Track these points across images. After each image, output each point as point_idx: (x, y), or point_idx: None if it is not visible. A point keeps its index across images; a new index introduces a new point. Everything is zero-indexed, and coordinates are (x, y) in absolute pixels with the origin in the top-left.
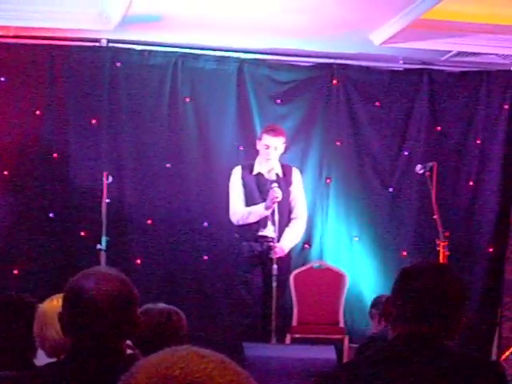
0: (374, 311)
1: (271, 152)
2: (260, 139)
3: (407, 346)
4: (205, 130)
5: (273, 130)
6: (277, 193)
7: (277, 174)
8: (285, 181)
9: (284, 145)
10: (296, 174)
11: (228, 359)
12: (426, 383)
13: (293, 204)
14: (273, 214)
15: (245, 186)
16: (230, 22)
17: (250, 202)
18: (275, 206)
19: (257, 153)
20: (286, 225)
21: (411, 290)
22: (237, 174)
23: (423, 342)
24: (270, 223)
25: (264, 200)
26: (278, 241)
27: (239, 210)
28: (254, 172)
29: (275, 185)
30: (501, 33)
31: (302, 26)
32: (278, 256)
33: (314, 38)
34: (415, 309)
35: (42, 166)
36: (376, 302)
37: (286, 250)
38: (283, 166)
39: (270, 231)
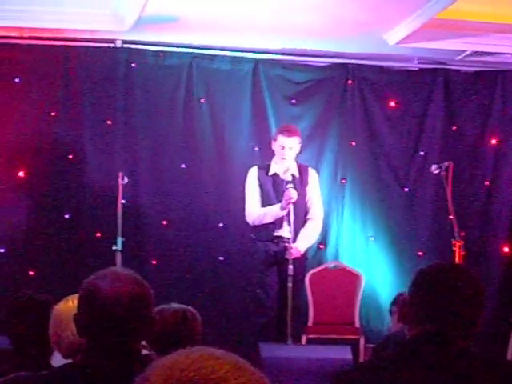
0: (394, 309)
1: (286, 152)
2: (275, 140)
3: (424, 346)
4: (220, 131)
5: (288, 131)
6: (292, 193)
7: (293, 175)
8: (301, 181)
9: (300, 145)
10: (312, 175)
11: (243, 360)
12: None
13: (309, 204)
14: (288, 214)
15: (261, 186)
16: (245, 23)
17: (265, 202)
18: (291, 206)
19: (272, 153)
20: (302, 225)
21: (428, 290)
22: (253, 174)
23: (440, 343)
24: (285, 224)
25: (280, 201)
26: (294, 241)
27: (255, 211)
28: (270, 173)
29: (290, 185)
30: None
31: (317, 26)
32: (293, 256)
33: (328, 39)
34: (432, 309)
35: (57, 166)
36: (396, 300)
37: (302, 251)
38: (299, 167)
39: (285, 232)
